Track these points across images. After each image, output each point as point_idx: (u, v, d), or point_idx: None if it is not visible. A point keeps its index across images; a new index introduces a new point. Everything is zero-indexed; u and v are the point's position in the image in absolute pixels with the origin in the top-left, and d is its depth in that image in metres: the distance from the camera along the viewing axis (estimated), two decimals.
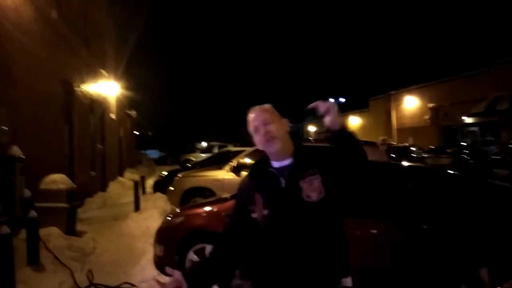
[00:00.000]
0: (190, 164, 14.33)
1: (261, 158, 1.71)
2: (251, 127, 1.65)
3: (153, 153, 37.38)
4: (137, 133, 30.10)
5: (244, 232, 1.63)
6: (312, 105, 1.57)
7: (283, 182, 1.58)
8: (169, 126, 40.91)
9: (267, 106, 1.68)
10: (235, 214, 1.70)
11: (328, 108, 1.53)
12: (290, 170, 1.59)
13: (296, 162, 1.61)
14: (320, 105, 1.55)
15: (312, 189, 1.53)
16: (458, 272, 3.33)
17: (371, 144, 7.17)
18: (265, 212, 1.57)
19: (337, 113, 1.54)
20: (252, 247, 1.62)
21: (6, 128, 5.43)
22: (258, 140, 1.63)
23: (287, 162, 1.62)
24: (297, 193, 1.54)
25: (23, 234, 4.69)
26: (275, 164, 1.64)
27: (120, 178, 15.55)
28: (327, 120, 1.54)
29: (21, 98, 6.25)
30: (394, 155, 13.19)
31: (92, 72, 11.91)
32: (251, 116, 1.65)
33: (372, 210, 3.66)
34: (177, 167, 15.27)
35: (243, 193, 1.71)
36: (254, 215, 1.60)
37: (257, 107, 1.67)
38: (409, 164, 5.23)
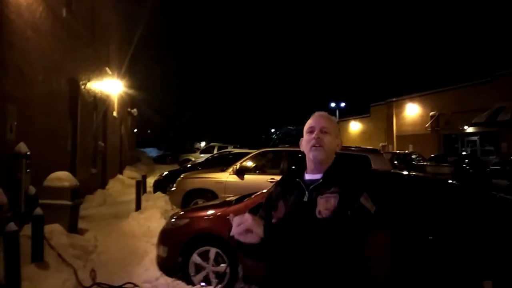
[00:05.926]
0: (189, 164, 14.31)
1: (295, 167, 1.70)
2: (307, 126, 1.67)
3: (151, 151, 37.33)
4: (136, 130, 30.03)
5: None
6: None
7: (307, 196, 1.57)
8: (168, 124, 40.88)
9: (333, 117, 1.71)
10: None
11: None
12: (315, 185, 1.57)
13: (324, 178, 1.58)
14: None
15: (326, 206, 1.50)
16: (461, 284, 3.34)
17: (375, 152, 6.99)
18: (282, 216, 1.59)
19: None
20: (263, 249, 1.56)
21: (15, 123, 5.45)
22: (306, 141, 1.64)
23: (318, 176, 1.60)
24: (313, 208, 1.52)
25: (26, 230, 4.68)
26: (307, 176, 1.63)
27: (119, 176, 15.54)
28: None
29: (30, 95, 6.27)
30: (396, 162, 13.29)
31: (97, 70, 11.93)
32: (314, 116, 1.67)
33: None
34: (177, 166, 15.26)
35: (269, 199, 1.71)
36: (273, 220, 1.59)
37: (324, 113, 1.69)
38: (414, 174, 5.22)
